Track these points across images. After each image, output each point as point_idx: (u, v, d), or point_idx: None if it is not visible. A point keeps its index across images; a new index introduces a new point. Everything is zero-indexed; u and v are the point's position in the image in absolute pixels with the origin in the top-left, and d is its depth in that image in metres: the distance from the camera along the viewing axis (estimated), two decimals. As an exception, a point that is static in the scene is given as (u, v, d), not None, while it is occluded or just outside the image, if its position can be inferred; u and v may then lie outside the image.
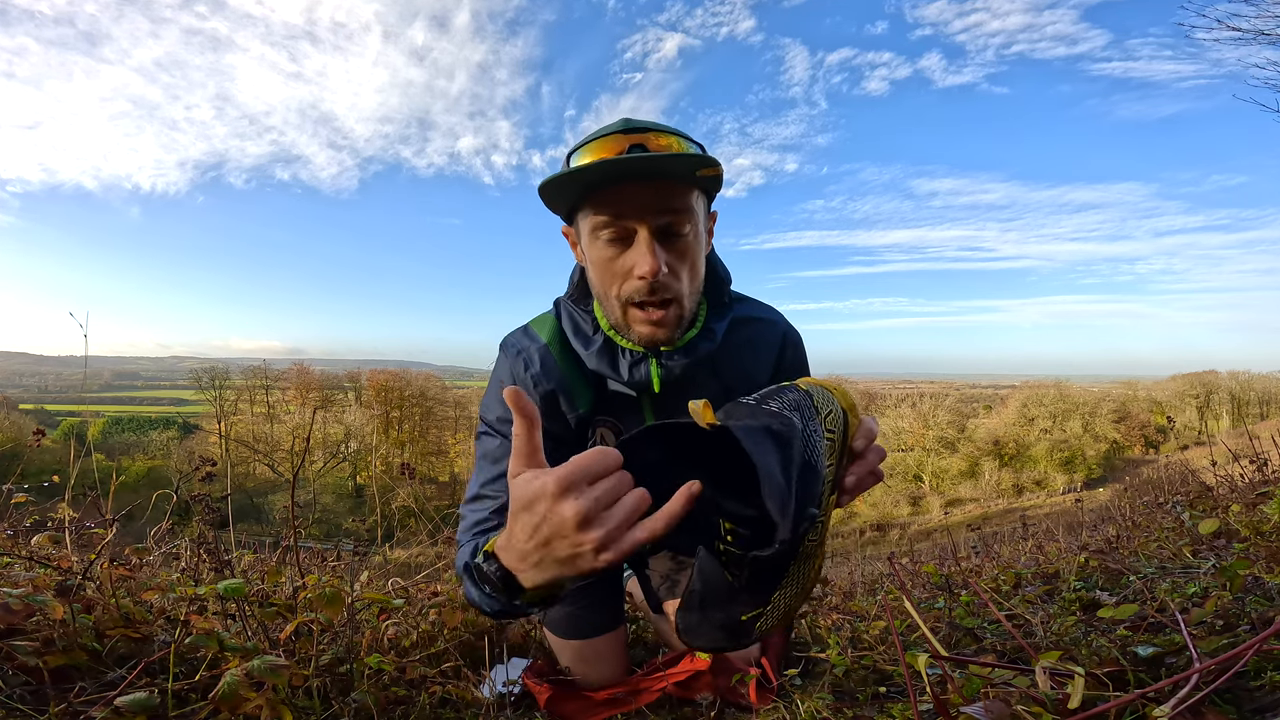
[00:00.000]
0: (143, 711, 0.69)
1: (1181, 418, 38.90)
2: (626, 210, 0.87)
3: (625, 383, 0.99)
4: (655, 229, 0.88)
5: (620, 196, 0.87)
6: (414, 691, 1.01)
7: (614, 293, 0.93)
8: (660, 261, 0.87)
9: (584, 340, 1.02)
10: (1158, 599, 1.10)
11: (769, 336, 1.12)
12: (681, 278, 0.92)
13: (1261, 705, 0.67)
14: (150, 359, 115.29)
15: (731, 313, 1.07)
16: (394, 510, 2.73)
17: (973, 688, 0.74)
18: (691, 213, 0.90)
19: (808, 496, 0.58)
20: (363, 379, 38.66)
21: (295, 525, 1.26)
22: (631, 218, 0.87)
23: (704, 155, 0.86)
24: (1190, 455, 8.30)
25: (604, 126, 0.93)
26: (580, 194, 0.91)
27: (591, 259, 0.94)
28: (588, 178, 0.86)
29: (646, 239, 0.87)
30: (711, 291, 1.04)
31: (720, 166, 0.88)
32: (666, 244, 0.89)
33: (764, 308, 1.17)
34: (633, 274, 0.89)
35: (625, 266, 0.90)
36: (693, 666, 1.13)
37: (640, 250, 0.88)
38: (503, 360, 1.09)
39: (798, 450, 0.59)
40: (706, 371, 1.05)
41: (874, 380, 63.18)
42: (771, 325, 1.13)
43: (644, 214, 0.87)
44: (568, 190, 0.91)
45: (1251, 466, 2.23)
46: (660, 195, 0.87)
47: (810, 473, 0.59)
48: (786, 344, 1.13)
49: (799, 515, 0.57)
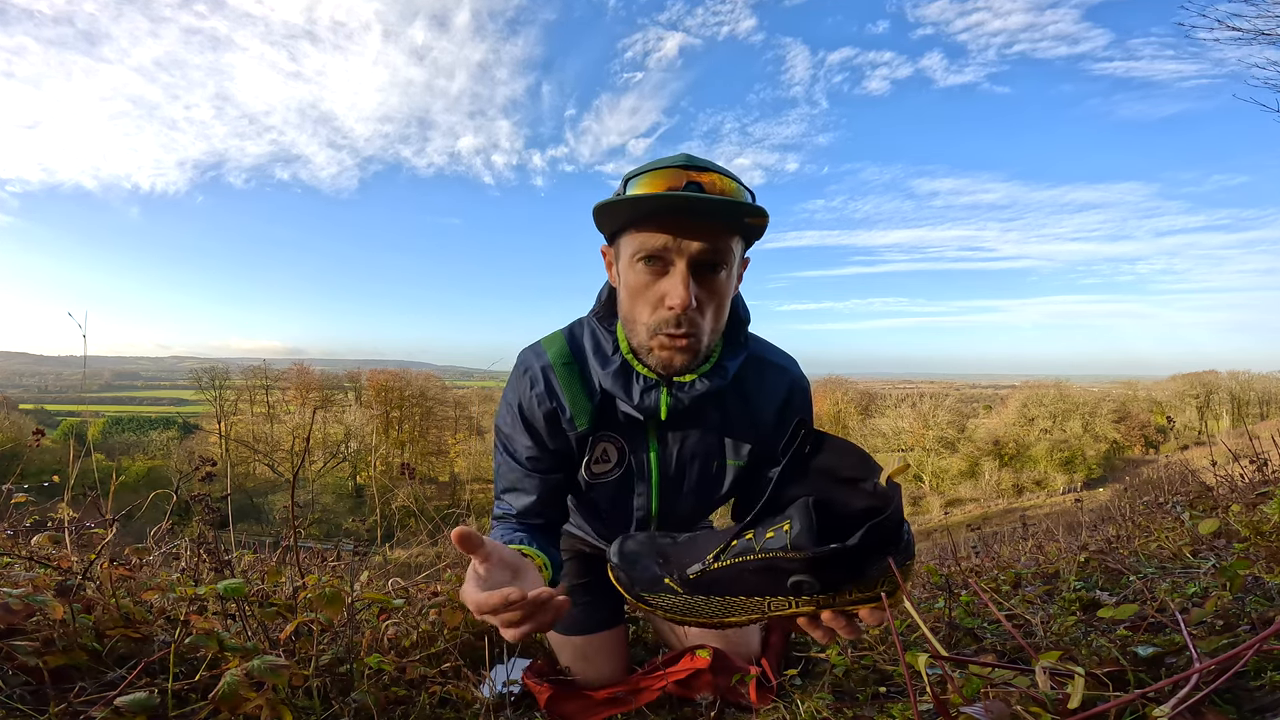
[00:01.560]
0: (143, 711, 0.69)
1: (1181, 418, 38.91)
2: (670, 242, 0.91)
3: (635, 406, 1.03)
4: (693, 264, 0.91)
5: (668, 228, 0.90)
6: (414, 691, 1.01)
7: (642, 318, 0.96)
8: (691, 295, 0.90)
9: (603, 359, 1.05)
10: (1158, 599, 1.10)
11: (779, 383, 1.15)
12: (707, 315, 0.95)
13: (1261, 705, 0.67)
14: (150, 359, 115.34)
15: (746, 352, 1.10)
16: (394, 510, 2.73)
17: (973, 688, 0.74)
18: (730, 254, 0.94)
19: (901, 548, 0.68)
20: (363, 379, 38.67)
21: (295, 525, 1.26)
22: (674, 250, 0.91)
23: (755, 205, 0.90)
24: (1190, 455, 8.30)
25: (664, 158, 0.96)
26: (630, 219, 0.94)
27: (626, 282, 0.97)
28: (646, 207, 0.90)
29: (683, 272, 0.91)
30: (729, 330, 1.07)
31: (767, 216, 0.92)
32: (700, 280, 0.93)
33: (780, 354, 1.20)
34: (664, 303, 0.93)
35: (657, 294, 0.93)
36: (692, 665, 1.13)
37: (675, 281, 0.91)
38: (513, 378, 1.13)
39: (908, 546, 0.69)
40: (713, 406, 1.08)
41: (874, 380, 63.17)
42: (783, 372, 1.16)
43: (686, 249, 0.90)
44: (621, 214, 0.94)
45: (1251, 466, 2.23)
46: (705, 234, 0.90)
47: (908, 546, 0.69)
48: (794, 391, 1.16)
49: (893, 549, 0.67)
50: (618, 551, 0.82)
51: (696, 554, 0.74)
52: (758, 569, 0.69)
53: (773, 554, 0.67)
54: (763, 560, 0.68)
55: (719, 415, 1.10)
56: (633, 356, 1.03)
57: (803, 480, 0.72)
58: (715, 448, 1.11)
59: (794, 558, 0.66)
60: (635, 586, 0.78)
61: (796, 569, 0.67)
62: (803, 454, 0.72)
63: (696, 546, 0.76)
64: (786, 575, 0.68)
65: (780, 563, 0.67)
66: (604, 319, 1.09)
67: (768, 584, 0.70)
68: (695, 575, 0.74)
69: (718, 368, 1.04)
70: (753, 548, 0.69)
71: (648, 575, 0.78)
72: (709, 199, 0.87)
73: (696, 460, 1.11)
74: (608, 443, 1.10)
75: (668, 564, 0.77)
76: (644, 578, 0.78)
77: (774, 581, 0.69)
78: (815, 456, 0.72)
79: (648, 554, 0.79)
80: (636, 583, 0.78)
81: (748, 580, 0.70)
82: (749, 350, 1.11)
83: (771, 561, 0.68)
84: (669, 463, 1.10)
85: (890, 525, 0.64)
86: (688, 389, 1.01)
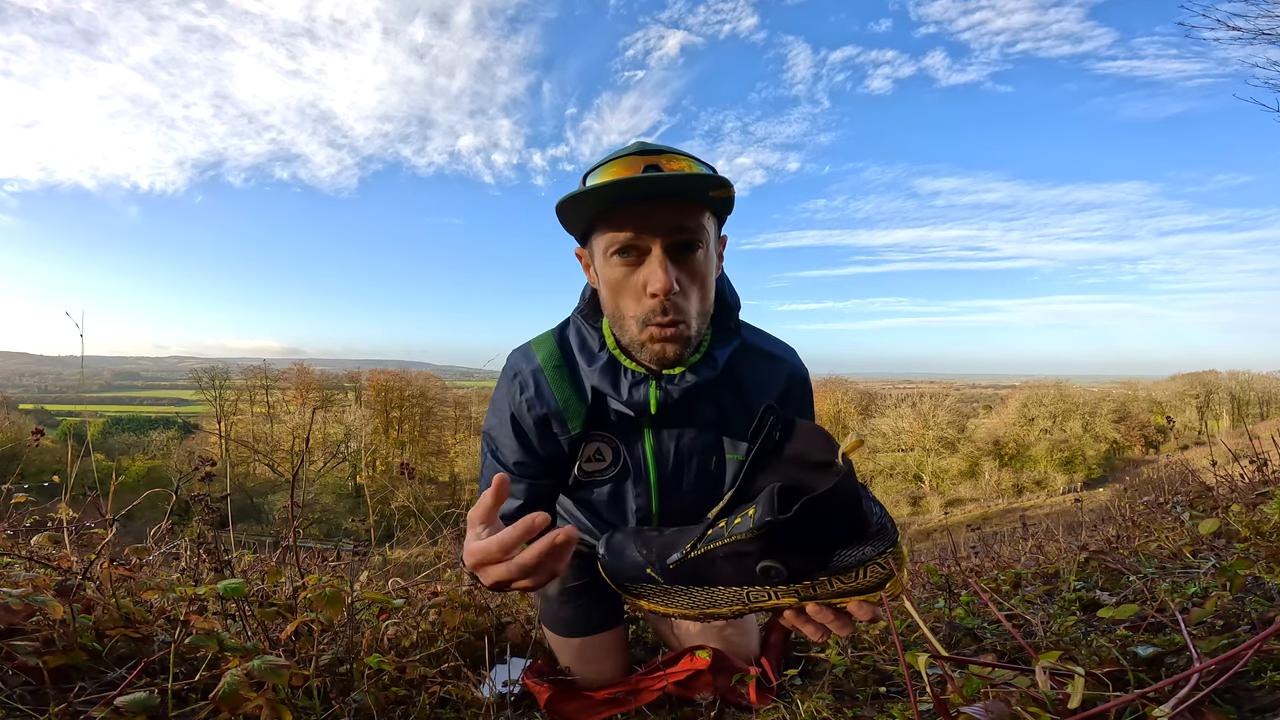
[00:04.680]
0: (143, 711, 0.69)
1: (1181, 418, 38.89)
2: (640, 229, 0.89)
3: (624, 402, 1.02)
4: (668, 247, 0.90)
5: (634, 216, 0.89)
6: (414, 691, 1.01)
7: (630, 312, 0.95)
8: (672, 279, 0.89)
9: (589, 356, 1.04)
10: (1158, 599, 1.10)
11: (776, 374, 1.12)
12: (691, 297, 0.94)
13: (1261, 705, 0.67)
14: (150, 359, 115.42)
15: (738, 340, 1.08)
16: (394, 510, 2.74)
17: (973, 688, 0.74)
18: (704, 232, 0.93)
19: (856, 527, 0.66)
20: (363, 379, 38.67)
21: (295, 525, 1.26)
22: (645, 237, 0.90)
23: (716, 176, 0.89)
24: (1190, 455, 8.30)
25: (618, 149, 0.96)
26: (595, 214, 0.93)
27: (605, 279, 0.96)
28: (605, 194, 0.88)
29: (659, 256, 0.90)
30: (717, 318, 1.05)
31: (732, 187, 0.90)
32: (679, 262, 0.91)
33: (776, 343, 1.17)
34: (645, 292, 0.91)
35: (638, 284, 0.92)
36: (692, 665, 1.13)
37: (653, 268, 0.90)
38: (502, 383, 1.12)
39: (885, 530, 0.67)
40: (705, 398, 1.06)
41: (874, 380, 63.19)
42: (780, 363, 1.13)
43: (657, 233, 0.89)
44: (584, 209, 0.93)
45: (1251, 466, 2.23)
46: (674, 214, 0.89)
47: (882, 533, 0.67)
48: (793, 383, 1.13)
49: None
50: (605, 543, 0.83)
51: (679, 544, 0.75)
52: (726, 555, 0.70)
53: (735, 539, 0.68)
54: (729, 546, 0.69)
55: (714, 409, 1.08)
56: (620, 352, 1.02)
57: (775, 467, 0.73)
58: (713, 443, 1.09)
59: (749, 539, 0.66)
60: (620, 577, 0.79)
61: (756, 552, 0.67)
62: (772, 441, 0.72)
63: (681, 537, 0.76)
64: (754, 561, 0.68)
65: (742, 546, 0.68)
66: (589, 316, 1.07)
67: (739, 571, 0.70)
68: (674, 565, 0.74)
69: (707, 358, 1.02)
70: (723, 534, 0.69)
71: (631, 565, 0.78)
72: (668, 176, 0.86)
73: (695, 457, 1.09)
74: (601, 443, 1.09)
75: (650, 554, 0.78)
76: (628, 568, 0.78)
77: (744, 568, 0.69)
78: (785, 443, 0.72)
79: (633, 545, 0.80)
80: (621, 573, 0.79)
81: (721, 568, 0.71)
82: (741, 339, 1.08)
83: (736, 546, 0.68)
84: (666, 460, 1.09)
85: (838, 500, 0.63)
86: (677, 381, 0.99)
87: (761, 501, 0.67)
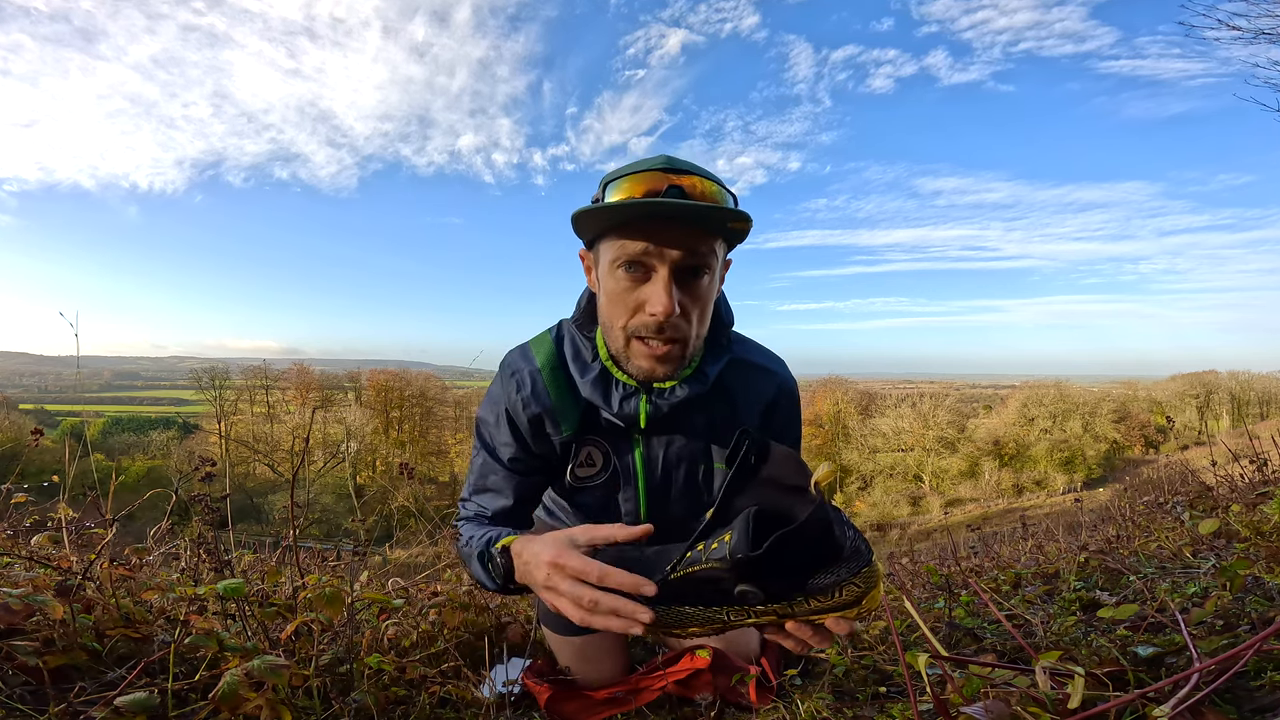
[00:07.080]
0: (143, 711, 0.69)
1: (1181, 418, 38.89)
2: (652, 247, 0.89)
3: (615, 414, 1.02)
4: (675, 269, 0.90)
5: (649, 234, 0.88)
6: (414, 691, 1.01)
7: (621, 323, 0.94)
8: (674, 302, 0.89)
9: (581, 367, 1.05)
10: (1158, 599, 1.10)
11: (764, 386, 1.13)
12: (691, 320, 0.94)
13: (1261, 705, 0.67)
14: (150, 359, 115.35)
15: (729, 355, 1.09)
16: (393, 510, 2.74)
17: (973, 688, 0.74)
18: (713, 258, 0.92)
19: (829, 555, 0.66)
20: (363, 379, 38.66)
21: (295, 525, 1.26)
22: (655, 255, 0.89)
23: (738, 210, 0.89)
24: (1190, 455, 8.31)
25: (643, 160, 0.94)
26: (609, 224, 0.92)
27: (606, 288, 0.96)
28: (627, 214, 0.88)
29: (665, 278, 0.89)
30: (710, 333, 1.05)
31: (750, 221, 0.90)
32: (683, 285, 0.91)
33: (766, 355, 1.17)
34: (644, 309, 0.91)
35: (639, 300, 0.92)
36: (692, 665, 1.13)
37: (656, 288, 0.90)
38: (499, 380, 1.12)
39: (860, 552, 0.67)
40: (697, 411, 1.07)
41: (874, 380, 63.20)
42: (769, 375, 1.14)
43: (668, 255, 0.89)
44: (600, 218, 0.92)
45: (1251, 466, 2.23)
46: (688, 239, 0.88)
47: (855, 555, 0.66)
48: (781, 396, 1.14)
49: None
50: None
51: (660, 566, 0.74)
52: (703, 579, 0.69)
53: (712, 565, 0.68)
54: (706, 571, 0.69)
55: (704, 420, 1.09)
56: (611, 363, 1.03)
57: (751, 490, 0.72)
58: (702, 452, 1.10)
59: (724, 568, 0.66)
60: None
61: (731, 579, 0.67)
62: (749, 464, 0.72)
63: (663, 558, 0.76)
64: (730, 585, 0.68)
65: (717, 573, 0.68)
66: (583, 326, 1.08)
67: (717, 594, 0.70)
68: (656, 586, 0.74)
69: (698, 373, 1.03)
70: (700, 559, 0.69)
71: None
72: (693, 205, 0.85)
73: (683, 465, 1.10)
74: (592, 447, 1.10)
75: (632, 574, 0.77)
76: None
77: (721, 592, 0.69)
78: (761, 466, 0.72)
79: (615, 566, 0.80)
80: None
81: (700, 590, 0.71)
82: (731, 354, 1.10)
83: (711, 572, 0.68)
84: (654, 467, 1.10)
85: (809, 533, 0.63)
86: (667, 395, 1.01)
87: (737, 528, 0.67)
